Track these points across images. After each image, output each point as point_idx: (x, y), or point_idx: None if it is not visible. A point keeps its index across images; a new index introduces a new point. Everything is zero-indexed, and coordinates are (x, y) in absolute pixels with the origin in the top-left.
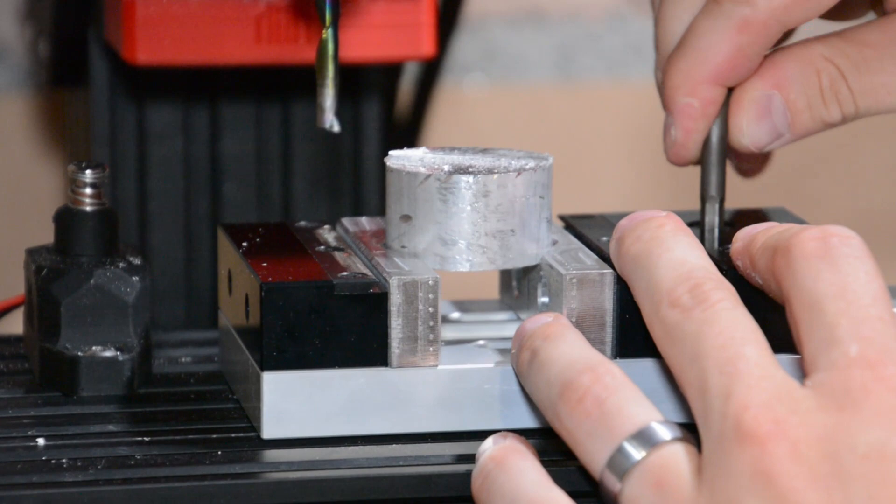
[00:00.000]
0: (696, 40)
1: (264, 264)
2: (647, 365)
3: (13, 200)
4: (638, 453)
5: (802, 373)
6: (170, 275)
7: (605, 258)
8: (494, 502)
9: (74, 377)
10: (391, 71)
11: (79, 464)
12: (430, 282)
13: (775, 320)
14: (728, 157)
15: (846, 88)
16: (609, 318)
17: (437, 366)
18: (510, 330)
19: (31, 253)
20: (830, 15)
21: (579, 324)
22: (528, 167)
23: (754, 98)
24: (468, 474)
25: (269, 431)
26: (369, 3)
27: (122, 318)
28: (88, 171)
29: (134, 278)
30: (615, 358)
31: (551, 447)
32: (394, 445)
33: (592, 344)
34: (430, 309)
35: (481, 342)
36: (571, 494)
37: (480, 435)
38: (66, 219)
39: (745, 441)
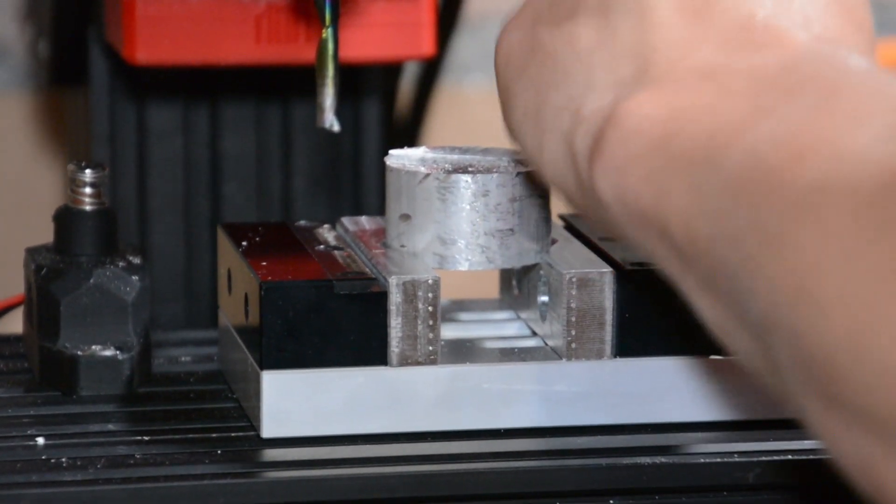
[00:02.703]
0: None
1: (264, 263)
2: (647, 364)
3: (13, 200)
4: None
5: None
6: (170, 274)
7: (606, 258)
8: None
9: (74, 376)
10: (391, 71)
11: (78, 463)
12: (430, 281)
13: None
14: None
15: None
16: (609, 318)
17: (436, 365)
18: (510, 329)
19: (31, 252)
20: None
21: (579, 323)
22: (527, 167)
23: None
24: (468, 474)
25: (268, 430)
26: (369, 2)
27: (121, 317)
28: (88, 171)
29: (133, 278)
30: (615, 357)
31: (551, 446)
32: (393, 445)
33: (592, 343)
34: (430, 308)
35: (481, 341)
36: (571, 494)
37: (480, 435)
38: (65, 218)
39: None
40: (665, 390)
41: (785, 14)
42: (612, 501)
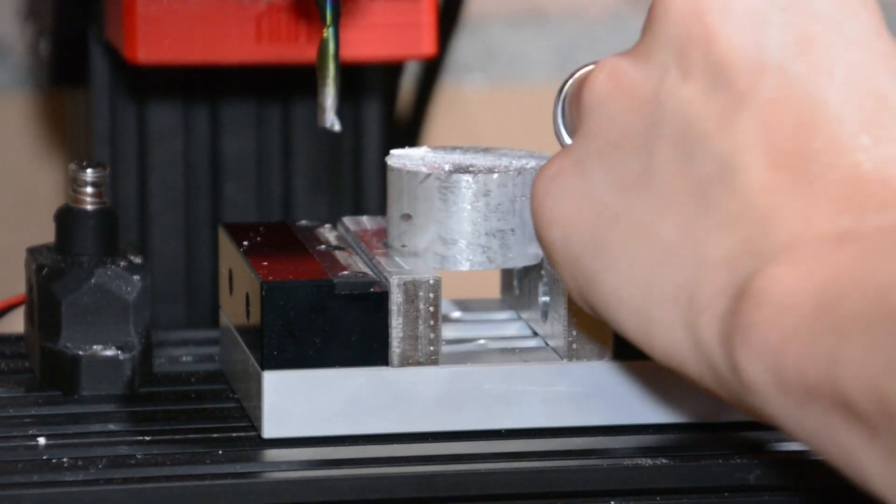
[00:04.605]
0: None
1: (265, 263)
2: (648, 365)
3: (13, 200)
4: None
5: None
6: (170, 274)
7: None
8: None
9: (75, 376)
10: (392, 70)
11: (79, 463)
12: (431, 281)
13: None
14: None
15: None
16: None
17: (437, 365)
18: (511, 329)
19: (32, 252)
20: None
21: (580, 323)
22: (528, 167)
23: None
24: (468, 474)
25: (269, 431)
26: (370, 2)
27: (122, 317)
28: (89, 171)
29: (135, 277)
30: (615, 359)
31: (552, 447)
32: (394, 445)
33: (593, 344)
34: (431, 308)
35: (482, 341)
36: (572, 495)
37: (480, 435)
38: (66, 218)
39: None
40: (666, 391)
41: (887, 148)
42: (612, 502)
